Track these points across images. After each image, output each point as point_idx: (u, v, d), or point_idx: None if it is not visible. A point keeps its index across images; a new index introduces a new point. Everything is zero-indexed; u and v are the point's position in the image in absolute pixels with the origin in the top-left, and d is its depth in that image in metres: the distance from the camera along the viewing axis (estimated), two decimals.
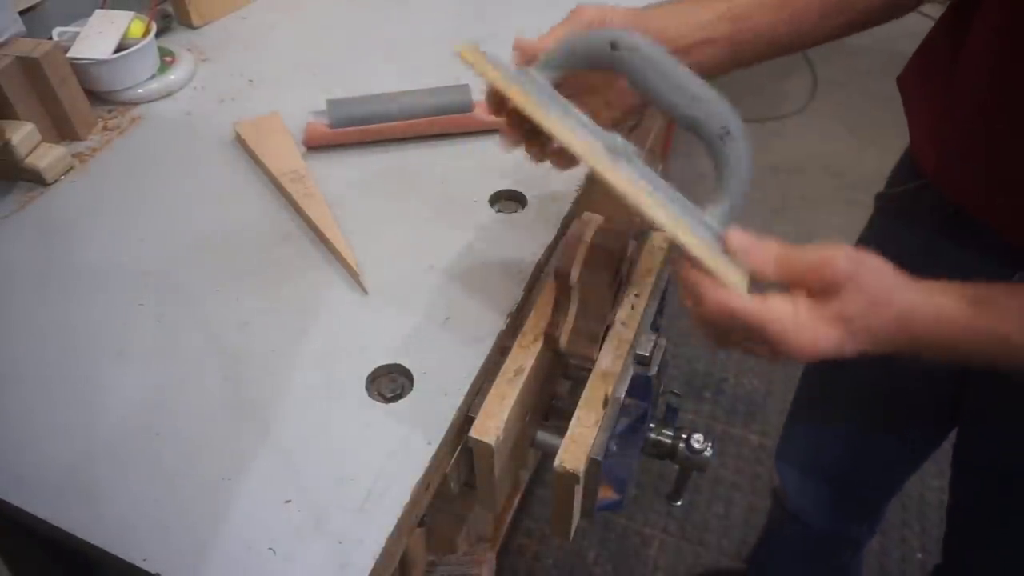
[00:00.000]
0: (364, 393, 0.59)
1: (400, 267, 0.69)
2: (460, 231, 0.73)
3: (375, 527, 0.51)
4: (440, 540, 0.93)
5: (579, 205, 0.77)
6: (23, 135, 0.76)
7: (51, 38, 0.86)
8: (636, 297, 0.67)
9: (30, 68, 0.77)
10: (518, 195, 0.77)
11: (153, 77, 0.90)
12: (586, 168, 0.50)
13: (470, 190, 0.77)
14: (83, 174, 0.80)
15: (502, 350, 0.63)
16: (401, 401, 0.59)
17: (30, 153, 0.77)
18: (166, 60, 0.92)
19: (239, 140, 0.83)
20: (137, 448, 0.56)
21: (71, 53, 0.84)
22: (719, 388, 1.74)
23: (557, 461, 0.58)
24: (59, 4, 0.90)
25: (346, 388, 0.60)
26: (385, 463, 0.54)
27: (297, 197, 0.74)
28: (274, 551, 0.50)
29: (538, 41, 0.53)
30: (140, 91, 0.89)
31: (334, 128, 0.81)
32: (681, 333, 1.75)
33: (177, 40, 1.00)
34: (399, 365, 0.61)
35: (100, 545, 0.50)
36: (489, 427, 0.57)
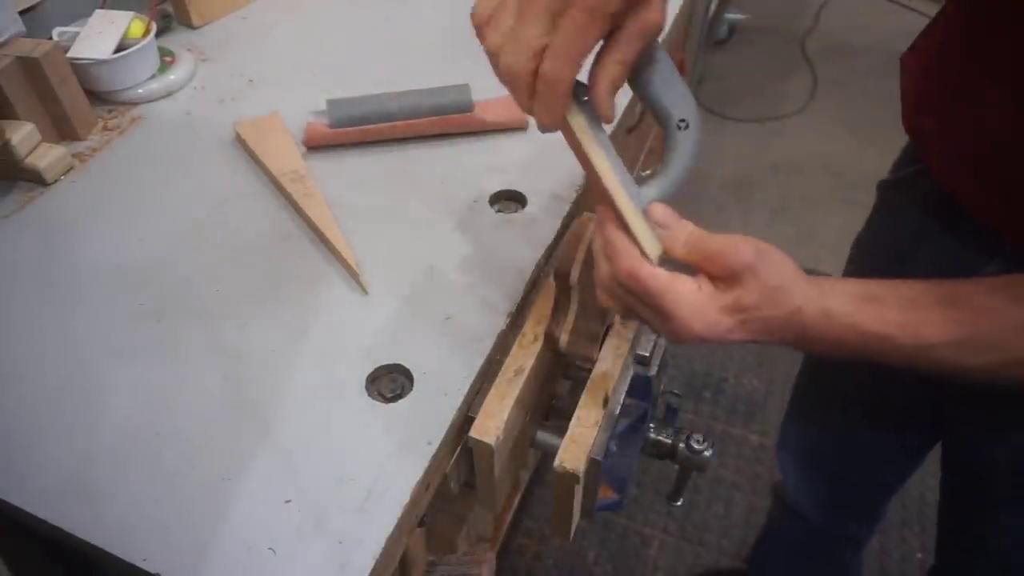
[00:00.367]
0: (364, 393, 0.59)
1: (400, 267, 0.69)
2: (460, 231, 0.73)
3: (375, 527, 0.51)
4: (440, 540, 0.93)
5: (579, 205, 0.77)
6: (23, 135, 0.76)
7: (51, 38, 0.86)
8: None
9: (30, 68, 0.77)
10: (518, 195, 0.77)
11: (153, 77, 0.90)
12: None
13: (470, 190, 0.77)
14: (83, 174, 0.80)
15: (502, 350, 0.63)
16: (401, 401, 0.59)
17: (30, 153, 0.77)
18: (166, 60, 0.92)
19: (239, 140, 0.83)
20: (137, 448, 0.56)
21: (71, 53, 0.84)
22: (719, 388, 1.74)
23: (557, 461, 0.58)
24: (59, 4, 0.90)
25: (346, 388, 0.60)
26: (385, 463, 0.55)
27: (297, 197, 0.74)
28: (274, 551, 0.50)
29: None
30: (140, 91, 0.89)
31: (334, 128, 0.81)
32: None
33: (177, 40, 1.00)
34: (399, 365, 0.61)
35: (100, 545, 0.50)
36: (489, 427, 0.57)
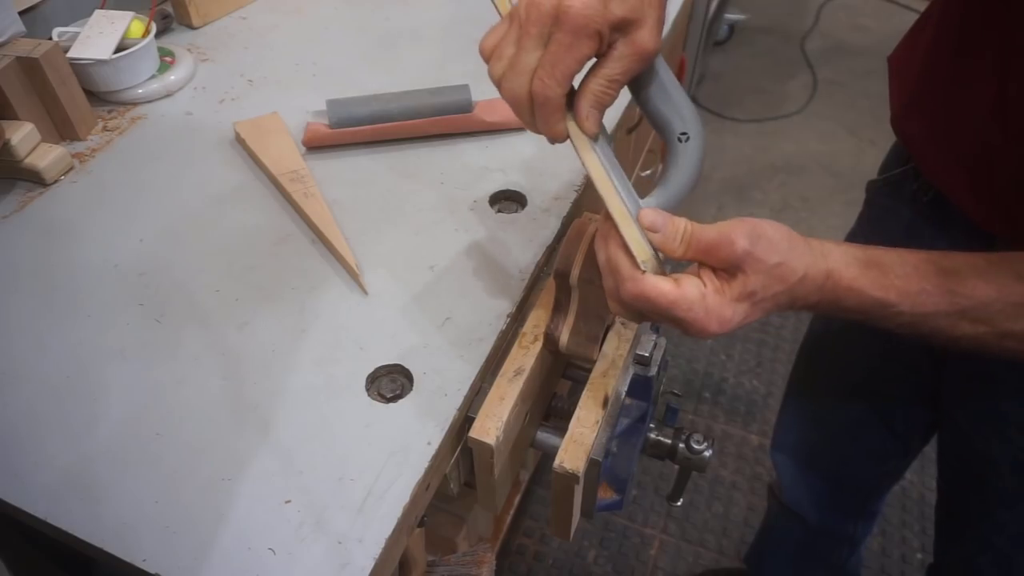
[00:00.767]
0: (364, 393, 0.59)
1: (400, 267, 0.69)
2: (460, 231, 0.73)
3: (375, 527, 0.51)
4: (440, 540, 0.94)
5: (579, 205, 0.77)
6: (23, 135, 0.76)
7: (51, 38, 0.86)
8: None
9: (30, 68, 0.77)
10: (518, 195, 0.77)
11: (153, 77, 0.90)
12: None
13: (470, 190, 0.77)
14: (83, 174, 0.80)
15: (502, 350, 0.63)
16: (401, 401, 0.59)
17: (30, 153, 0.77)
18: (166, 60, 0.92)
19: (239, 140, 0.83)
20: (137, 448, 0.56)
21: (71, 53, 0.84)
22: (719, 388, 1.74)
23: (557, 461, 0.58)
24: (59, 4, 0.91)
25: (346, 388, 0.60)
26: (385, 463, 0.55)
27: (297, 197, 0.74)
28: (274, 551, 0.50)
29: None
30: (140, 91, 0.89)
31: (334, 128, 0.81)
32: (681, 333, 1.76)
33: (177, 40, 1.00)
34: (399, 365, 0.61)
35: (100, 545, 0.50)
36: (489, 427, 0.57)
